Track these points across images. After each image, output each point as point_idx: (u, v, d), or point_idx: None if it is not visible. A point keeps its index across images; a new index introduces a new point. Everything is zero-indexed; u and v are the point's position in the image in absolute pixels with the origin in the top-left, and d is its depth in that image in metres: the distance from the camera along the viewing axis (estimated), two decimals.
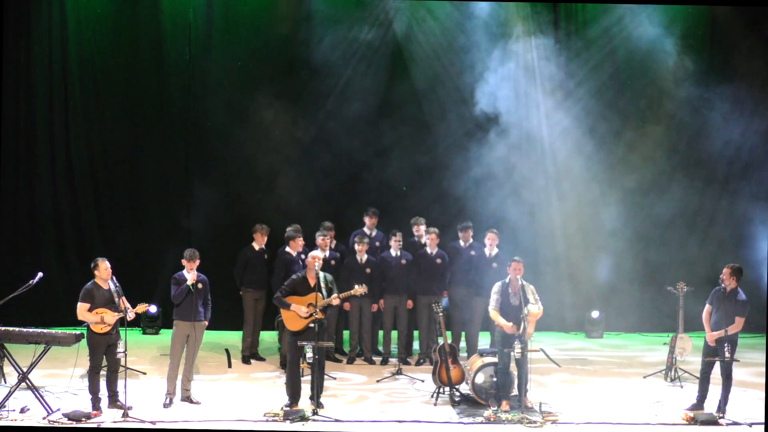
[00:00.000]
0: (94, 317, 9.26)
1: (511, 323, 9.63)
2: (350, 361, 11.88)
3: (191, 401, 9.81)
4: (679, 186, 13.61)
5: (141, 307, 9.48)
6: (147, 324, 13.20)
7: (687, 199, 13.58)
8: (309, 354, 9.32)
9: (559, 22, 13.64)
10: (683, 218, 13.71)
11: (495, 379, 9.83)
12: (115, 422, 9.10)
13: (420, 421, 9.40)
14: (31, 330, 9.65)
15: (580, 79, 13.58)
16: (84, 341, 9.55)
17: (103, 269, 9.36)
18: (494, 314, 9.80)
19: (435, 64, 13.50)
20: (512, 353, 9.51)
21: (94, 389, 9.37)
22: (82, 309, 9.30)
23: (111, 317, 9.27)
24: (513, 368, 9.76)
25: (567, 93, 13.49)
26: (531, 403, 9.65)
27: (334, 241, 12.01)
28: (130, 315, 9.29)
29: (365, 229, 12.31)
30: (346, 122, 13.34)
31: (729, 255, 12.32)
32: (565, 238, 13.51)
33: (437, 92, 13.54)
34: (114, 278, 9.44)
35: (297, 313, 9.62)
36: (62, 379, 10.32)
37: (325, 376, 10.13)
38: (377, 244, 12.18)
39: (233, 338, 12.38)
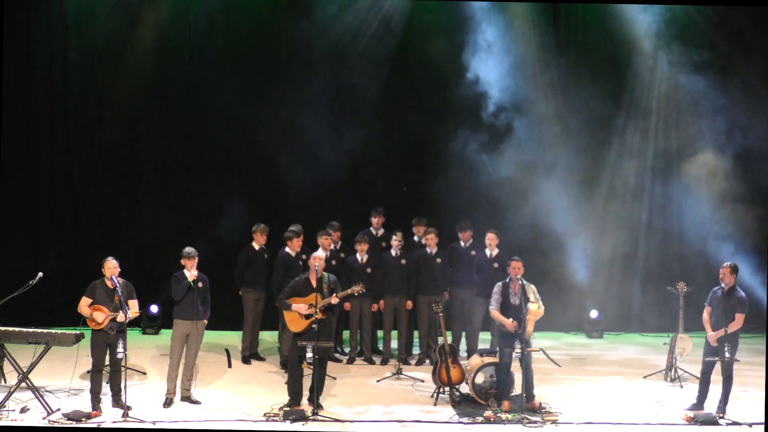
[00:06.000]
0: (87, 312, 9.31)
1: (511, 319, 9.64)
2: (350, 361, 11.88)
3: (191, 401, 9.80)
4: (679, 185, 13.62)
5: (133, 313, 9.47)
6: (147, 324, 13.20)
7: (688, 198, 13.57)
8: (309, 354, 9.33)
9: (559, 21, 13.67)
10: (684, 217, 13.69)
11: (495, 379, 9.84)
12: (115, 422, 9.09)
13: (420, 421, 9.40)
14: (31, 330, 9.64)
15: (580, 78, 13.58)
16: (84, 341, 9.59)
17: (107, 267, 9.39)
18: (495, 314, 9.81)
19: (436, 64, 13.49)
20: (513, 353, 9.52)
21: (94, 389, 9.37)
22: (82, 302, 9.37)
23: (101, 315, 9.29)
24: (514, 368, 9.76)
25: (567, 92, 13.49)
26: (537, 407, 9.65)
27: (339, 242, 12.01)
28: (121, 317, 9.25)
29: (372, 229, 12.32)
30: (347, 120, 13.34)
31: (729, 254, 12.34)
32: (565, 237, 13.49)
33: (438, 92, 13.53)
34: (119, 279, 9.41)
35: (298, 311, 9.63)
36: (63, 379, 10.29)
37: (326, 376, 10.12)
38: (383, 244, 12.16)
39: (233, 338, 12.38)
